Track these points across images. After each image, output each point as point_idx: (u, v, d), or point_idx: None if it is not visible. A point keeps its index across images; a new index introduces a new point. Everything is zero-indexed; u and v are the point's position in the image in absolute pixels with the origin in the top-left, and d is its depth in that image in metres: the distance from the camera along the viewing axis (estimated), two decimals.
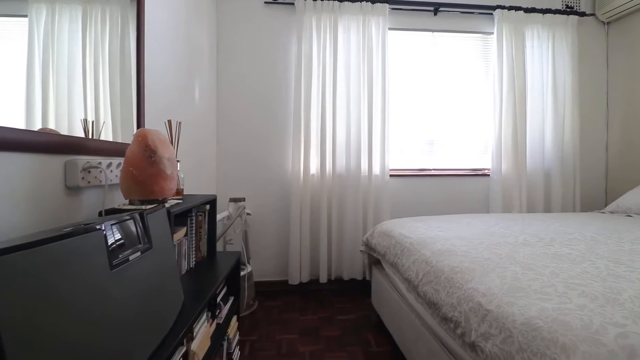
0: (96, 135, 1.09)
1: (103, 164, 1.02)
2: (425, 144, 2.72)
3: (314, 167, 2.47)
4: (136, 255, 0.69)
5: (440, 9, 2.61)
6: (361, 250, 2.07)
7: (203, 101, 2.16)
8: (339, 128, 2.48)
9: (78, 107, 1.04)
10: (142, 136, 1.00)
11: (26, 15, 0.87)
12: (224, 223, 2.04)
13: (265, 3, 2.49)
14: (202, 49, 2.15)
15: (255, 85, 2.51)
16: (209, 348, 1.08)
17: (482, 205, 2.74)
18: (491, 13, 2.65)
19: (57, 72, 0.96)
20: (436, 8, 2.59)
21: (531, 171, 2.68)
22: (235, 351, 1.45)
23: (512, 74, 2.59)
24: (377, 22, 2.50)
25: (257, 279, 2.44)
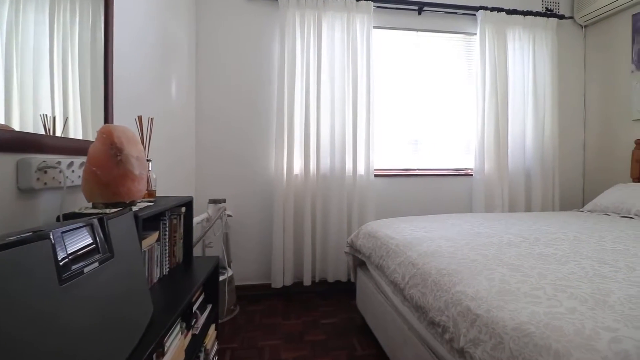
0: (60, 132, 0.99)
1: (63, 164, 0.93)
2: (409, 144, 2.70)
3: (298, 167, 2.41)
4: (93, 266, 0.61)
5: (424, 9, 2.60)
6: (346, 251, 2.02)
7: (180, 97, 2.06)
8: (323, 127, 2.43)
9: (45, 103, 0.96)
10: (107, 133, 0.92)
11: None
12: (203, 226, 1.95)
13: None
14: (180, 44, 2.05)
15: (237, 81, 2.42)
16: None
17: (466, 204, 2.75)
18: (474, 14, 2.66)
19: (22, 66, 0.88)
20: (420, 7, 2.58)
21: (512, 171, 2.71)
22: None
23: (495, 75, 2.61)
24: (362, 20, 2.46)
25: (239, 283, 2.35)
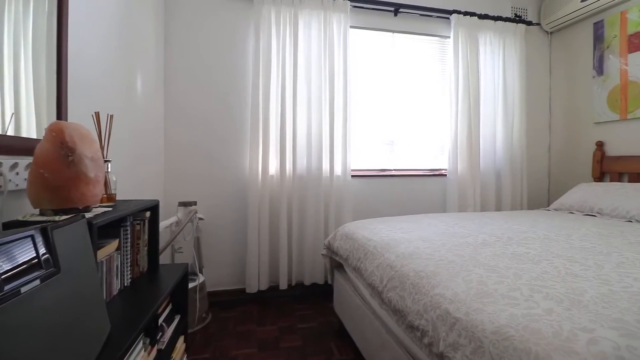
0: (6, 129, 0.88)
1: (5, 165, 0.82)
2: (385, 144, 2.71)
3: (273, 168, 2.34)
4: (33, 284, 0.53)
5: (400, 10, 2.61)
6: (323, 254, 1.98)
7: (147, 93, 1.94)
8: (300, 127, 2.38)
9: None
10: (57, 130, 0.82)
11: None
12: (172, 230, 1.84)
13: None
14: (146, 37, 1.93)
15: (209, 78, 2.31)
16: None
17: (440, 204, 2.79)
18: (448, 17, 2.71)
19: None
20: (396, 9, 2.59)
21: (484, 171, 2.79)
22: None
23: (467, 78, 2.67)
24: (339, 19, 2.43)
25: (211, 289, 2.25)
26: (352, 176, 2.52)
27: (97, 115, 1.09)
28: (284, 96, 2.30)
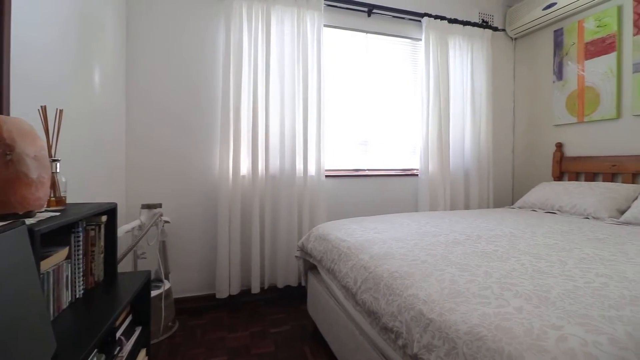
0: None
1: None
2: (359, 144, 2.71)
3: (245, 168, 2.26)
4: None
5: (373, 11, 2.62)
6: (296, 256, 1.94)
7: (106, 87, 1.80)
8: (273, 125, 2.32)
9: None
10: None
11: None
12: (135, 234, 1.73)
13: None
14: (105, 28, 1.79)
15: (176, 73, 2.19)
16: None
17: (412, 203, 2.84)
18: (420, 20, 2.76)
19: None
20: (370, 9, 2.59)
21: (454, 171, 2.86)
22: None
23: (438, 80, 2.72)
24: (312, 17, 2.40)
25: (179, 296, 2.14)
26: (326, 176, 2.50)
27: (44, 109, 0.98)
28: (256, 93, 2.24)
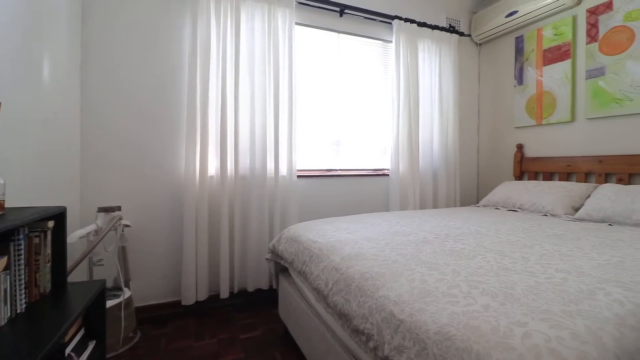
0: None
1: None
2: (332, 144, 2.70)
3: (213, 168, 2.18)
4: None
5: (345, 11, 2.62)
6: (267, 258, 1.89)
7: (58, 82, 1.65)
8: (242, 124, 2.25)
9: None
10: None
11: None
12: (90, 240, 1.60)
13: None
14: (56, 15, 1.64)
15: (139, 67, 2.05)
16: None
17: (383, 203, 2.87)
18: (390, 22, 2.80)
19: None
20: (342, 9, 2.59)
21: (423, 171, 2.93)
22: None
23: (408, 82, 2.77)
24: (284, 14, 2.35)
25: (141, 304, 2.01)
26: (298, 176, 2.46)
27: None
28: (225, 91, 2.16)
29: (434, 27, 2.91)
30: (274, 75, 2.30)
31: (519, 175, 2.89)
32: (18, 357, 0.71)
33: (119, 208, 1.74)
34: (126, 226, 1.79)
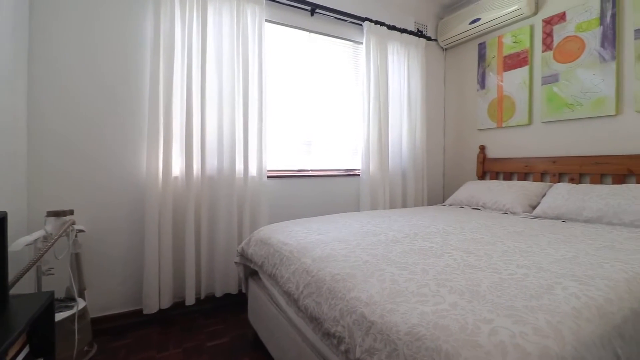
0: None
1: None
2: (303, 144, 2.67)
3: (178, 168, 2.07)
4: None
5: (316, 11, 2.61)
6: (236, 262, 1.82)
7: (1, 75, 1.50)
8: (210, 124, 2.16)
9: None
10: None
11: None
12: (38, 247, 1.46)
13: None
14: None
15: (93, 63, 1.90)
16: None
17: (354, 203, 2.89)
18: (361, 24, 2.82)
19: None
20: (313, 8, 2.57)
21: (392, 171, 2.98)
22: None
23: (378, 83, 2.81)
24: (253, 10, 2.29)
25: (98, 315, 1.87)
26: (268, 177, 2.41)
27: None
28: (191, 88, 2.06)
29: (403, 31, 2.97)
30: (243, 72, 2.24)
31: (482, 175, 3.03)
32: None
33: (71, 212, 1.60)
34: (80, 231, 1.65)
